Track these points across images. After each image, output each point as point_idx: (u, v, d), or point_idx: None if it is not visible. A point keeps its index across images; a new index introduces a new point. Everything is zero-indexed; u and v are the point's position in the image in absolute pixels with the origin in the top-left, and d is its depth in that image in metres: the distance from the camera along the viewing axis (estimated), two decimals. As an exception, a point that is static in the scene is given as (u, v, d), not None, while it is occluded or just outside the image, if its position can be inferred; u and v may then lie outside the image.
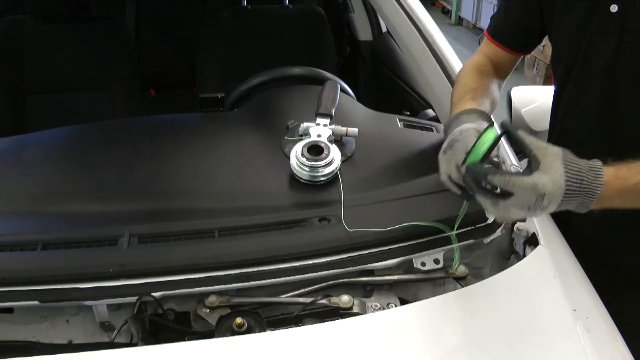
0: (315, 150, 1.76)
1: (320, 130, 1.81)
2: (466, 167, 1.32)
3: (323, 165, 1.73)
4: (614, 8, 1.51)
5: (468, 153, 1.33)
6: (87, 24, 3.18)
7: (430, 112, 2.53)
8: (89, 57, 3.12)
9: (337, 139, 1.83)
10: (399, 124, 2.12)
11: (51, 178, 1.82)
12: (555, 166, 1.24)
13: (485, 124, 1.44)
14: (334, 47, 3.36)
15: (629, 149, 1.34)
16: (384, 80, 3.12)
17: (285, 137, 1.86)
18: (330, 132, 1.80)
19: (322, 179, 1.74)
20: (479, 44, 7.20)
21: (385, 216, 1.59)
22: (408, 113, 2.56)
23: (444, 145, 1.45)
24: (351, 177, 1.73)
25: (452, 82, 1.91)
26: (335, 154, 1.75)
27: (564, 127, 1.78)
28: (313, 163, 1.73)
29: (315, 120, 1.85)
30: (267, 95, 2.30)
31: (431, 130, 2.14)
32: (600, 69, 1.59)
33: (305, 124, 1.84)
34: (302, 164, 1.74)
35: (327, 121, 1.84)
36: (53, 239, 1.53)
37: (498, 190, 1.27)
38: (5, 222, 1.64)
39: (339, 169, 1.74)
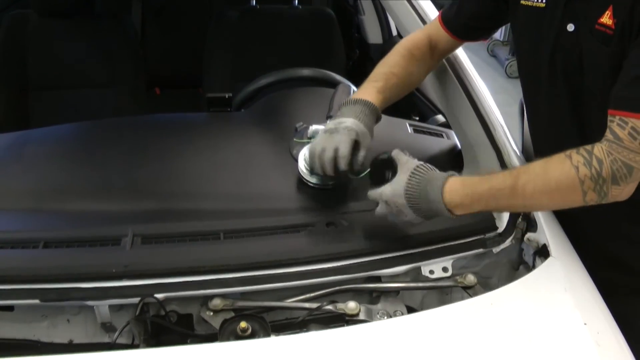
0: None
1: None
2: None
3: None
4: (570, 27, 1.53)
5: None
6: (93, 20, 3.16)
7: (440, 117, 2.50)
8: (93, 54, 3.10)
9: None
10: (409, 129, 2.10)
11: (54, 175, 1.80)
12: (401, 178, 1.48)
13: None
14: (343, 49, 3.33)
15: None
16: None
17: (294, 139, 1.84)
18: None
19: (330, 182, 1.72)
20: (487, 50, 7.16)
21: (394, 222, 1.57)
22: (417, 118, 2.54)
23: (328, 127, 1.66)
24: (360, 182, 1.71)
25: (464, 87, 1.89)
26: None
27: (541, 134, 1.81)
28: None
29: (326, 123, 1.83)
30: (275, 96, 2.28)
31: (441, 136, 2.12)
32: (566, 83, 1.60)
33: (314, 127, 1.81)
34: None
35: None
36: (55, 237, 1.51)
37: None
38: (7, 219, 1.62)
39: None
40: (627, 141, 1.37)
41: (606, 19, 1.44)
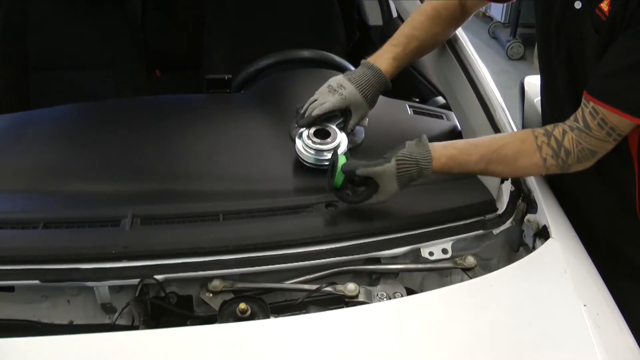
0: (322, 134, 1.73)
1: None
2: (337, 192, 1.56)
3: (329, 149, 1.70)
4: (577, 5, 1.53)
5: (332, 176, 1.54)
6: (94, 2, 3.14)
7: (440, 99, 2.49)
8: (94, 35, 3.08)
9: None
10: (409, 111, 2.09)
11: (54, 156, 1.80)
12: (389, 187, 1.51)
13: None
14: (343, 31, 3.31)
15: None
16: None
17: (295, 121, 1.83)
18: (340, 119, 1.77)
19: (327, 163, 1.71)
20: (488, 32, 7.14)
21: (391, 203, 1.57)
22: (417, 100, 2.53)
23: (331, 82, 1.75)
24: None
25: (464, 69, 1.89)
26: (342, 139, 1.72)
27: (545, 101, 1.86)
28: (318, 146, 1.70)
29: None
30: (275, 77, 2.27)
31: (441, 117, 2.11)
32: (568, 56, 1.62)
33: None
34: (308, 147, 1.71)
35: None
36: (55, 218, 1.51)
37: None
38: (6, 200, 1.62)
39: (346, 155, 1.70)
40: (595, 130, 1.45)
41: (605, 4, 1.45)
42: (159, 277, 1.39)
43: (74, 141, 1.89)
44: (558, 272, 1.44)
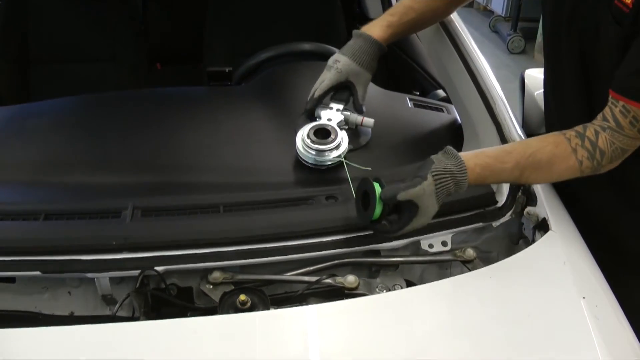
0: (322, 133, 1.72)
1: (331, 114, 1.77)
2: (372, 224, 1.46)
3: (329, 149, 1.69)
4: None
5: (368, 207, 1.43)
6: None
7: (440, 92, 2.49)
8: (95, 28, 3.09)
9: (352, 127, 1.79)
10: (409, 104, 2.09)
11: (55, 148, 1.80)
12: (430, 207, 1.41)
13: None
14: (344, 24, 3.31)
15: None
16: (394, 59, 3.08)
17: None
18: (341, 117, 1.76)
19: (328, 163, 1.70)
20: (489, 26, 7.13)
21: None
22: (418, 93, 2.53)
23: (329, 61, 1.78)
24: (359, 158, 1.70)
25: (465, 62, 1.89)
26: (343, 138, 1.71)
27: (551, 98, 1.83)
28: (319, 146, 1.69)
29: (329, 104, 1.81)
30: (276, 70, 2.27)
31: (442, 111, 2.11)
32: (580, 52, 1.61)
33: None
34: (308, 146, 1.69)
35: (340, 106, 1.80)
36: (56, 209, 1.51)
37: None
38: (8, 191, 1.62)
39: (344, 155, 1.70)
40: (627, 129, 1.44)
41: None
42: (159, 268, 1.39)
43: (75, 133, 1.89)
44: (557, 265, 1.44)
